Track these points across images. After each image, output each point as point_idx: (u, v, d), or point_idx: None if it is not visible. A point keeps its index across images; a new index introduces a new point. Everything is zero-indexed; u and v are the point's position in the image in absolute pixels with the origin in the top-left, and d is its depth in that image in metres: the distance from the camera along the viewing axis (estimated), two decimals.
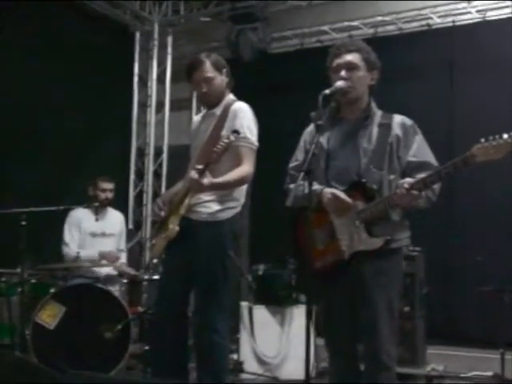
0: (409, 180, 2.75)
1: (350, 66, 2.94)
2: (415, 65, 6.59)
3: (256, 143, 3.46)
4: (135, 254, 6.23)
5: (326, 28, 7.03)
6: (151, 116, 7.35)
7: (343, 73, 2.93)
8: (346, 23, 6.97)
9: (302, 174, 2.67)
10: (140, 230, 7.15)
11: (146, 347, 4.35)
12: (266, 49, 6.74)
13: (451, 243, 6.15)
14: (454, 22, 6.59)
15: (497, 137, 2.60)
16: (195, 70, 3.49)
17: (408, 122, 2.98)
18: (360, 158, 2.90)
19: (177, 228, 3.39)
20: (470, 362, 5.14)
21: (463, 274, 5.84)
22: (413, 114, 3.28)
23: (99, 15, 6.71)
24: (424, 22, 6.74)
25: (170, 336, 3.42)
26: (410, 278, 4.83)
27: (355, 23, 6.94)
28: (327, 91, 2.85)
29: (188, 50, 7.34)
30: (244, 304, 5.09)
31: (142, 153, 7.37)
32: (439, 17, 6.66)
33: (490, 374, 4.62)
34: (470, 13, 6.54)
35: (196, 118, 3.78)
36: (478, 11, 6.50)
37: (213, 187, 3.32)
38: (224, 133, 3.38)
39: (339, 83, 2.91)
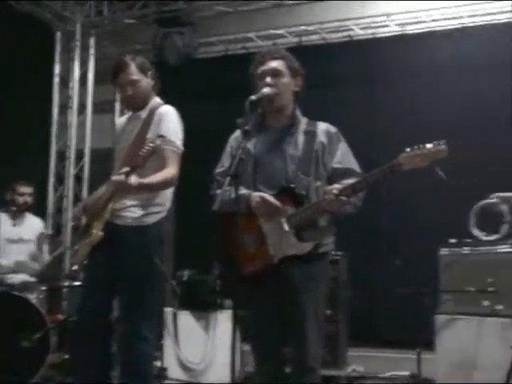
0: (337, 186, 2.82)
1: (275, 73, 2.99)
2: (338, 74, 6.76)
3: (181, 147, 3.45)
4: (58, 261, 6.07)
5: (251, 35, 7.10)
6: (72, 118, 7.17)
7: (269, 79, 2.97)
8: (272, 31, 7.07)
9: (228, 178, 2.69)
10: (60, 235, 6.97)
11: (66, 356, 4.25)
12: (192, 54, 6.73)
13: (374, 247, 6.33)
14: (374, 34, 6.81)
15: (421, 146, 2.71)
16: (120, 73, 3.45)
17: (332, 129, 3.06)
18: (287, 164, 2.95)
19: (100, 233, 3.33)
20: (389, 362, 5.30)
21: (384, 278, 6.01)
22: (335, 123, 3.37)
23: (21, 14, 6.50)
24: (346, 34, 6.92)
25: (92, 344, 3.35)
26: (334, 281, 4.93)
27: (280, 31, 7.04)
28: (254, 97, 2.90)
29: (111, 51, 7.23)
30: (168, 310, 5.05)
31: (62, 156, 7.19)
32: (360, 29, 6.85)
33: (407, 373, 4.78)
34: (389, 26, 6.77)
35: (120, 121, 3.73)
36: (397, 25, 6.73)
37: (140, 187, 3.27)
38: (150, 136, 3.37)
39: (265, 90, 2.95)
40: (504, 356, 4.08)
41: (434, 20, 6.59)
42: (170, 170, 3.37)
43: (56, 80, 7.12)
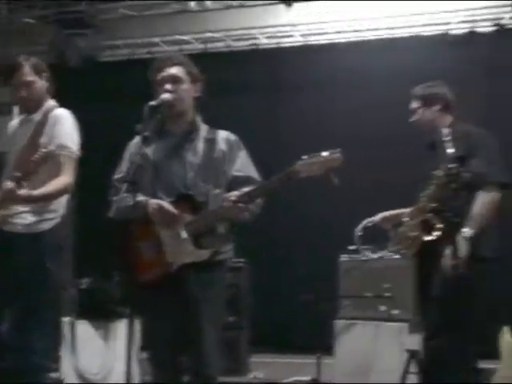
0: (235, 193, 2.82)
1: (175, 79, 2.97)
2: (242, 82, 6.81)
3: (77, 152, 3.37)
4: None
5: (156, 40, 7.04)
6: None
7: (168, 86, 2.95)
8: (177, 37, 7.04)
9: (126, 184, 2.65)
10: None
11: None
12: (96, 56, 6.59)
13: (276, 254, 6.41)
14: (278, 43, 6.92)
15: (317, 154, 2.76)
16: (13, 74, 3.34)
17: (232, 137, 3.07)
18: (186, 171, 2.93)
19: None
20: (290, 368, 5.37)
21: (286, 284, 6.10)
22: (238, 131, 3.39)
23: None
24: (252, 42, 7.00)
25: None
26: (235, 288, 4.96)
27: (186, 37, 7.03)
28: (154, 103, 2.87)
29: (10, 51, 6.95)
30: (66, 319, 4.88)
31: None
32: (266, 38, 6.94)
33: (308, 378, 4.85)
34: (293, 36, 6.89)
35: (12, 123, 3.59)
36: (301, 35, 6.87)
37: (30, 200, 3.18)
38: (43, 140, 3.27)
39: (165, 96, 2.93)
40: (399, 359, 4.23)
41: (337, 32, 6.77)
42: (64, 178, 3.30)
43: None
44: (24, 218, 3.27)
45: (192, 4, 6.62)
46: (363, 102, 6.45)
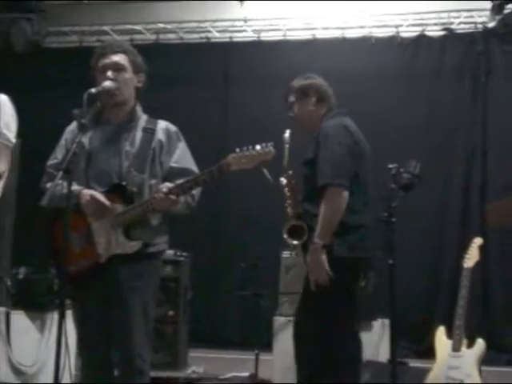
0: (167, 185, 2.81)
1: (117, 67, 2.93)
2: (193, 75, 6.75)
3: (12, 140, 3.26)
4: None
5: (106, 28, 6.92)
6: None
7: (110, 73, 2.90)
8: (128, 26, 6.94)
9: (60, 172, 2.59)
10: None
11: None
12: (41, 42, 6.43)
13: (217, 249, 6.39)
14: (231, 38, 6.89)
15: (250, 147, 2.76)
16: None
17: (172, 128, 3.04)
18: (122, 160, 2.90)
19: None
20: (229, 363, 5.35)
21: (226, 280, 6.08)
22: (186, 122, 3.38)
23: None
24: (203, 35, 6.95)
25: None
26: (175, 282, 4.91)
27: (137, 27, 6.93)
28: (93, 90, 2.82)
29: None
30: (0, 309, 4.76)
31: None
32: (218, 31, 6.90)
33: (246, 374, 4.84)
34: (246, 31, 6.87)
35: None
36: (253, 31, 6.85)
37: None
38: None
39: (106, 83, 2.88)
40: None
41: (289, 29, 6.78)
42: None
43: None
44: None
45: None
46: None
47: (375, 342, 4.63)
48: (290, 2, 6.56)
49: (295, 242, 3.32)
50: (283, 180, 3.42)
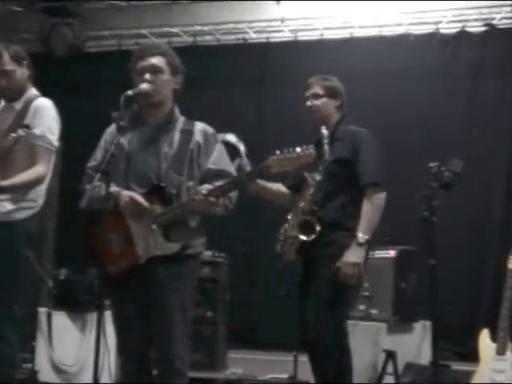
0: (207, 186, 2.79)
1: (155, 70, 2.92)
2: (230, 76, 6.76)
3: (55, 143, 3.34)
4: None
5: (145, 31, 6.98)
6: None
7: (147, 76, 2.91)
8: (166, 29, 6.99)
9: (98, 174, 2.61)
10: None
11: None
12: (81, 46, 6.53)
13: (256, 250, 6.37)
14: (267, 38, 6.88)
15: (291, 149, 2.74)
16: None
17: (209, 129, 3.03)
18: (160, 162, 2.90)
19: None
20: (268, 365, 5.33)
21: (264, 281, 6.06)
22: (223, 123, 3.38)
23: None
24: (240, 36, 6.96)
25: None
26: (213, 283, 4.92)
27: (175, 30, 6.98)
28: (130, 92, 2.83)
29: None
30: (42, 310, 4.85)
31: None
32: (255, 32, 6.91)
33: (285, 376, 4.82)
34: (283, 31, 6.85)
35: None
36: (290, 30, 6.83)
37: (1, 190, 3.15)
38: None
39: (143, 85, 2.89)
40: (376, 359, 4.22)
41: (326, 28, 6.74)
42: (39, 169, 3.27)
43: None
44: (1, 205, 3.24)
45: None
46: (349, 100, 6.39)
47: (417, 344, 4.57)
48: (327, 1, 6.51)
49: (304, 238, 3.30)
50: (316, 175, 3.38)
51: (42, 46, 6.44)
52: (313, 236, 3.26)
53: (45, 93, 3.50)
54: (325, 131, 3.28)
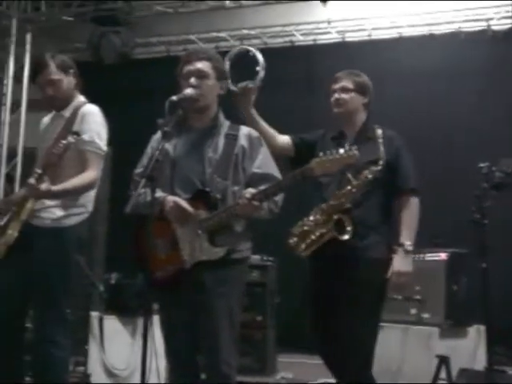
0: (251, 190, 2.79)
1: (200, 74, 2.93)
2: (278, 79, 6.74)
3: (104, 148, 3.37)
4: None
5: (192, 37, 7.04)
6: (6, 116, 6.97)
7: (193, 80, 2.92)
8: (214, 34, 7.03)
9: (143, 180, 2.63)
10: None
11: None
12: (129, 53, 6.62)
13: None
14: (315, 40, 6.85)
15: (334, 151, 2.71)
16: (39, 73, 3.35)
17: (254, 133, 3.03)
18: (205, 167, 2.90)
19: (15, 234, 3.22)
20: (318, 369, 5.23)
21: None
22: (273, 126, 3.37)
23: None
24: (287, 39, 6.95)
25: (3, 348, 3.24)
26: (262, 287, 4.91)
27: (222, 34, 7.01)
28: (174, 98, 2.84)
29: (48, 48, 7.05)
30: (94, 314, 4.92)
31: None
32: (302, 34, 6.89)
33: (335, 380, 4.76)
34: (330, 33, 6.81)
35: (45, 119, 3.61)
36: (337, 32, 6.78)
37: (51, 194, 3.21)
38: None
39: (188, 91, 2.90)
40: (429, 364, 4.12)
41: (374, 28, 6.67)
42: (89, 174, 3.30)
43: None
44: (52, 212, 3.28)
45: (227, 1, 6.58)
46: (400, 101, 6.32)
47: (471, 349, 4.45)
48: (375, 0, 6.43)
49: (344, 237, 3.10)
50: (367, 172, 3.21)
51: (92, 54, 6.55)
52: (347, 236, 3.11)
53: (95, 100, 3.54)
54: (380, 130, 3.20)
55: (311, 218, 3.20)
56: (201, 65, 2.95)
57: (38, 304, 3.25)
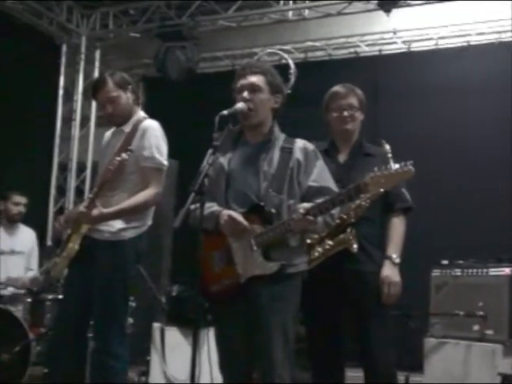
0: (305, 205, 2.75)
1: (253, 88, 2.92)
2: None
3: (164, 163, 3.40)
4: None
5: (257, 50, 7.07)
6: (75, 131, 7.20)
7: (245, 94, 2.91)
8: (278, 47, 7.05)
9: (192, 194, 2.63)
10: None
11: (45, 370, 4.19)
12: (194, 68, 6.72)
13: None
14: (380, 51, 6.77)
15: (388, 166, 2.65)
16: (98, 91, 3.43)
17: (310, 146, 2.98)
18: (260, 181, 2.88)
19: (76, 247, 3.31)
20: None
21: None
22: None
23: (22, 25, 6.53)
24: (352, 50, 6.91)
25: (67, 357, 3.32)
26: None
27: (287, 47, 7.02)
28: (225, 112, 2.84)
29: (117, 64, 7.27)
30: (156, 325, 4.99)
31: (64, 168, 7.21)
32: (367, 45, 6.83)
33: None
34: (395, 43, 6.72)
35: (107, 134, 3.68)
36: (403, 42, 6.68)
37: (104, 218, 3.28)
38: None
39: (239, 105, 2.90)
40: (491, 382, 3.96)
41: (440, 37, 6.53)
42: (148, 192, 3.34)
43: (60, 92, 7.15)
44: (110, 225, 3.33)
45: (290, 14, 6.59)
46: (468, 111, 6.16)
47: None
48: (441, 8, 6.29)
49: (355, 249, 3.06)
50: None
51: (158, 69, 6.68)
52: (356, 249, 3.07)
53: (161, 114, 3.59)
54: (387, 146, 3.22)
55: None
56: (254, 79, 2.94)
57: (98, 315, 3.31)
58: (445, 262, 4.45)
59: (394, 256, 3.17)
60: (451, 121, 6.21)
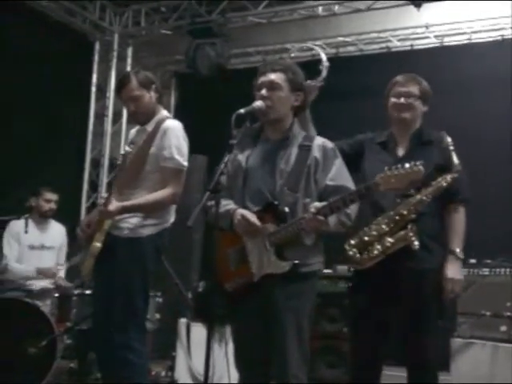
0: (316, 205, 2.73)
1: (272, 86, 2.91)
2: (374, 85, 6.61)
3: (184, 163, 3.39)
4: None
5: (288, 46, 7.04)
6: (108, 127, 7.29)
7: (264, 91, 2.90)
8: (309, 42, 7.00)
9: (207, 193, 2.63)
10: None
11: (71, 364, 4.27)
12: (225, 64, 6.73)
13: None
14: (412, 45, 6.68)
15: (399, 166, 2.62)
16: (122, 89, 3.46)
17: (329, 145, 2.95)
18: (276, 179, 2.86)
19: (98, 245, 3.34)
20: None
21: None
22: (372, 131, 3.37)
23: (56, 23, 6.66)
24: (384, 45, 6.84)
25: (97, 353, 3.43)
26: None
27: (318, 42, 6.96)
28: (242, 110, 2.83)
29: (149, 61, 7.34)
30: (182, 321, 5.02)
31: (96, 164, 7.32)
32: (398, 40, 6.74)
33: None
34: (428, 37, 6.62)
35: (132, 132, 3.70)
36: (435, 36, 6.58)
37: (122, 210, 3.31)
38: (152, 151, 3.37)
39: (257, 103, 2.90)
40: None
41: (474, 31, 6.41)
42: (166, 191, 3.35)
43: (93, 89, 7.26)
44: (129, 222, 3.37)
45: (320, 9, 6.54)
46: (504, 105, 6.03)
47: None
48: (474, 2, 6.17)
49: (416, 246, 2.98)
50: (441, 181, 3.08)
51: (189, 66, 6.71)
52: (417, 246, 2.99)
53: (191, 111, 3.59)
54: (449, 138, 3.10)
55: (373, 227, 3.08)
56: (274, 76, 2.92)
57: (117, 311, 3.33)
58: (473, 260, 4.37)
59: (458, 250, 3.11)
60: (489, 114, 6.10)
